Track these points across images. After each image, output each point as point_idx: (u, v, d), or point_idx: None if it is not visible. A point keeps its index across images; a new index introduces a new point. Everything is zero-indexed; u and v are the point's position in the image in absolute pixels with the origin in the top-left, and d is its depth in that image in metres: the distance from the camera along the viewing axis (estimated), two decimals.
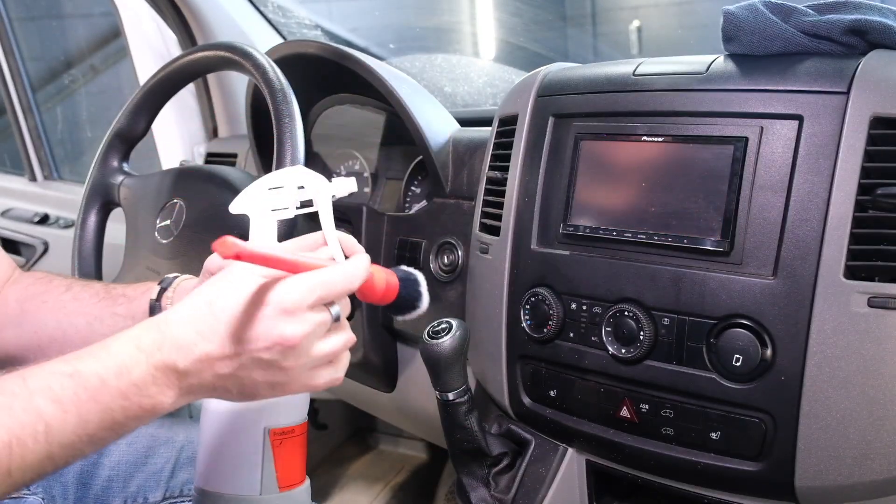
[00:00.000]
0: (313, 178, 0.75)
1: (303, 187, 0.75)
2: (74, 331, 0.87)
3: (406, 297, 0.80)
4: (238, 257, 0.59)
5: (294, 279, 0.63)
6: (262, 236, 0.73)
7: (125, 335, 0.62)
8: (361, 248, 0.77)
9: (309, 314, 0.64)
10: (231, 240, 0.58)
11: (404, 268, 0.82)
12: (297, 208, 0.75)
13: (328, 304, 0.66)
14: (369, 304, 1.21)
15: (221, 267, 0.76)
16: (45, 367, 0.59)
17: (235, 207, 0.74)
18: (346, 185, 0.78)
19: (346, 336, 0.69)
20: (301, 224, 0.96)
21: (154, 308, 0.86)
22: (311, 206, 0.76)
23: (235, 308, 0.62)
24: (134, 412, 0.60)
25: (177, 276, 0.88)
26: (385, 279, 0.77)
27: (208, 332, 0.62)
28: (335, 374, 0.68)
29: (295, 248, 0.76)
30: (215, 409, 0.81)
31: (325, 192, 0.75)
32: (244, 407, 0.78)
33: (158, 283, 0.87)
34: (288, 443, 0.80)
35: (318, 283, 0.64)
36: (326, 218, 0.74)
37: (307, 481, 0.83)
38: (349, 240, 0.78)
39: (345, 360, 0.70)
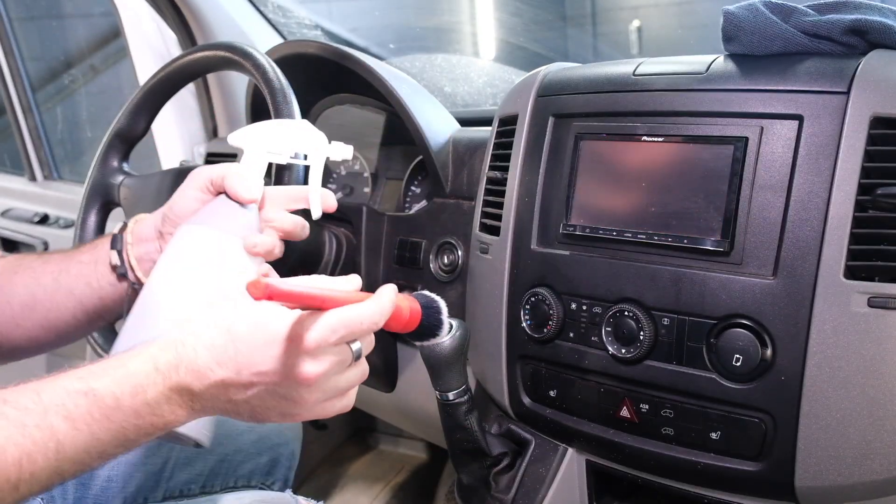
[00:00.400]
0: (314, 134, 0.75)
1: (301, 141, 0.76)
2: (42, 291, 0.88)
3: (427, 326, 0.78)
4: (270, 298, 0.58)
5: (320, 317, 0.61)
6: (251, 171, 0.74)
7: (143, 353, 0.62)
8: (333, 204, 0.78)
9: (330, 352, 0.63)
10: (264, 282, 0.57)
11: (426, 293, 0.79)
12: (291, 157, 0.75)
13: (351, 341, 0.65)
14: None
15: (172, 227, 0.77)
16: (60, 382, 0.59)
17: (234, 139, 0.73)
18: (343, 151, 0.78)
19: (362, 370, 0.68)
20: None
21: (116, 240, 0.87)
22: (305, 160, 0.76)
23: (256, 339, 0.61)
24: (145, 430, 0.61)
25: (134, 218, 0.90)
26: (409, 307, 0.74)
27: (226, 360, 0.61)
28: (346, 403, 0.68)
29: (299, 232, 0.76)
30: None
31: (322, 150, 0.75)
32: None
33: (117, 229, 0.90)
34: None
35: (344, 323, 0.62)
36: (315, 175, 0.75)
37: None
38: (329, 198, 0.79)
39: (356, 390, 0.69)
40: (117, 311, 0.89)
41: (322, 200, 0.79)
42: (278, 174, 0.90)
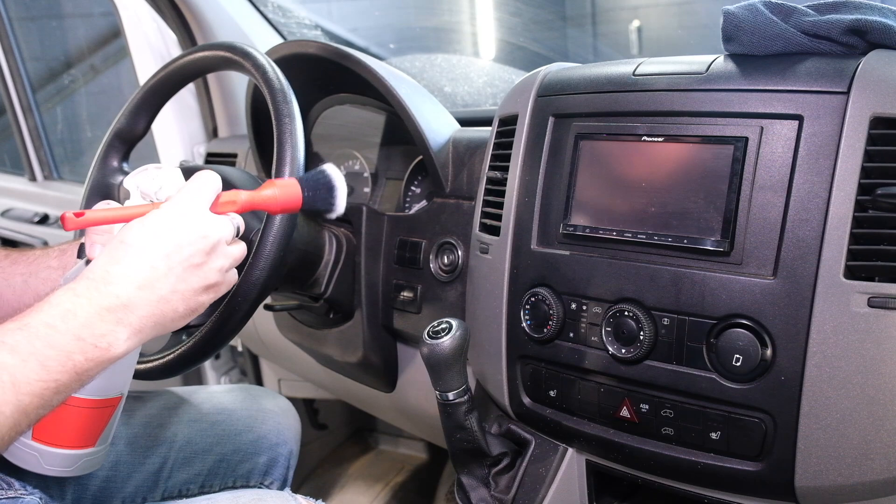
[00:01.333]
0: (171, 174, 0.85)
1: (158, 178, 0.84)
2: (10, 291, 0.90)
3: (315, 206, 0.85)
4: (83, 226, 0.75)
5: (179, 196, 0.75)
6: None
7: (61, 289, 0.67)
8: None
9: (212, 217, 0.75)
10: (69, 214, 0.72)
11: (321, 170, 0.86)
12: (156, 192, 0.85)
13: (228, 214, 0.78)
14: (369, 305, 1.22)
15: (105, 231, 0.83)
16: None
17: (129, 182, 0.84)
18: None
19: (243, 246, 0.80)
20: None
21: (82, 249, 0.89)
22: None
23: (147, 235, 0.71)
24: (91, 354, 0.65)
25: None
26: (281, 191, 0.83)
27: (135, 264, 0.69)
28: (236, 277, 0.79)
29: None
30: None
31: (170, 181, 0.84)
32: None
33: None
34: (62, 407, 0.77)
35: (197, 184, 0.76)
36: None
37: (81, 450, 0.80)
38: None
39: (235, 272, 0.79)
40: None
41: None
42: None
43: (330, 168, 0.86)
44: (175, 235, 0.71)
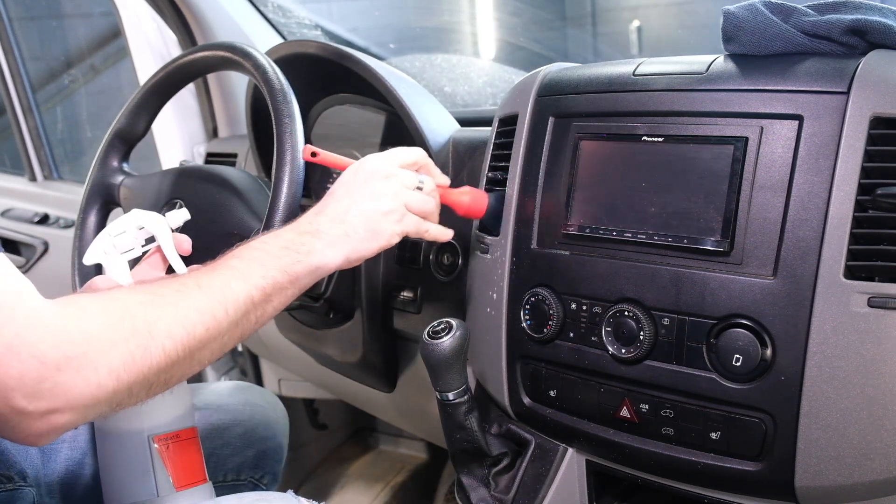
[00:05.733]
0: (150, 218, 0.89)
1: (143, 227, 0.89)
2: None
3: (489, 221, 0.98)
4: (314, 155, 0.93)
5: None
6: (118, 276, 0.87)
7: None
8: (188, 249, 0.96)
9: (398, 165, 0.90)
10: (309, 150, 0.92)
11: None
12: (143, 245, 0.90)
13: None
14: (369, 305, 1.22)
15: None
16: (218, 264, 0.76)
17: (88, 259, 0.87)
18: (179, 216, 0.93)
19: (424, 198, 0.90)
20: None
21: None
22: (154, 241, 0.90)
23: (345, 180, 0.88)
24: (296, 257, 0.80)
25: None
26: (471, 195, 0.97)
27: (331, 205, 0.86)
28: (417, 221, 0.90)
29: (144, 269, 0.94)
30: (102, 427, 0.90)
31: (162, 225, 0.89)
32: (128, 422, 0.88)
33: None
34: (175, 446, 0.89)
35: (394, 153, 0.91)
36: (168, 247, 0.90)
37: (209, 482, 0.91)
38: (186, 243, 0.94)
39: (431, 221, 0.93)
40: None
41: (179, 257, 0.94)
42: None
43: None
44: (360, 171, 0.88)
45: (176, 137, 1.78)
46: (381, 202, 0.86)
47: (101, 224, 1.17)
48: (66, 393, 0.59)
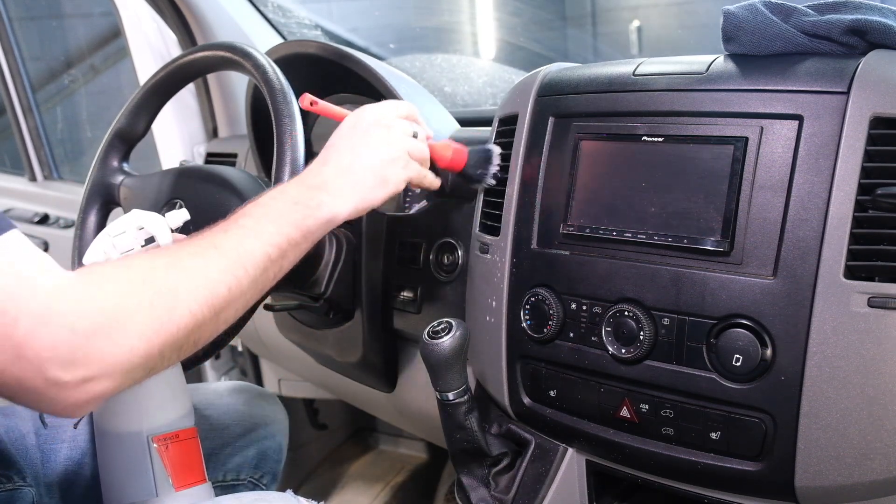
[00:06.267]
0: (149, 218, 0.88)
1: (143, 227, 0.88)
2: None
3: (472, 167, 0.99)
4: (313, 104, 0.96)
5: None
6: None
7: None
8: None
9: (394, 115, 0.91)
10: (307, 99, 0.96)
11: (488, 147, 0.99)
12: (143, 245, 0.88)
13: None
14: (369, 305, 1.22)
15: None
16: (230, 223, 0.77)
17: (88, 259, 0.86)
18: (179, 217, 0.92)
19: (422, 147, 0.94)
20: None
21: None
22: (154, 241, 0.89)
23: (344, 131, 0.90)
24: (307, 212, 0.81)
25: None
26: (452, 147, 0.99)
27: (334, 156, 0.87)
28: (419, 168, 0.93)
29: None
30: (101, 427, 0.90)
31: (163, 226, 0.88)
32: (127, 422, 0.88)
33: None
34: (174, 446, 0.89)
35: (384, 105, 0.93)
36: (166, 243, 0.89)
37: (208, 482, 0.91)
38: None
39: (425, 168, 0.95)
40: None
41: None
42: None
43: (494, 147, 0.99)
44: (360, 122, 0.90)
45: (176, 137, 1.78)
46: (386, 150, 0.88)
47: (101, 224, 1.17)
48: (102, 360, 0.60)
